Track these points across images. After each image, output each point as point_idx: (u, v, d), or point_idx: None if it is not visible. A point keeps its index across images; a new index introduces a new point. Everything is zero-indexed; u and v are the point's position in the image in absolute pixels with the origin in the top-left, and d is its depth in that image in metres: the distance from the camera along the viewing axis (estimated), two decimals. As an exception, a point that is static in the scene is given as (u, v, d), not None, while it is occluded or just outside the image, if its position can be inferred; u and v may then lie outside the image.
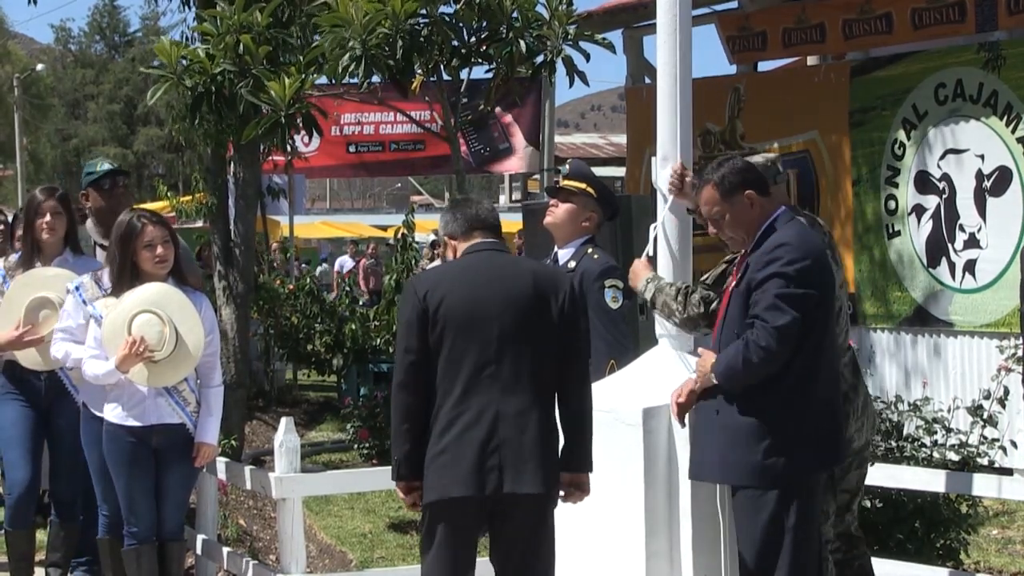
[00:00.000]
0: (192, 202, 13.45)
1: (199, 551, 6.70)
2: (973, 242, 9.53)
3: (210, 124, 8.02)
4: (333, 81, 7.56)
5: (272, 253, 15.22)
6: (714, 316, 4.96)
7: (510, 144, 14.62)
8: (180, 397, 5.70)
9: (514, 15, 7.40)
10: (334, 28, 7.14)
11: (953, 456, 6.33)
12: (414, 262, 11.41)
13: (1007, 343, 7.43)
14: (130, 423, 5.63)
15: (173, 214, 13.57)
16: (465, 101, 13.03)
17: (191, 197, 13.90)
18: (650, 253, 5.35)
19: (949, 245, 9.69)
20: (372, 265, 21.59)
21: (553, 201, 6.03)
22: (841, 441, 4.73)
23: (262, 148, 9.50)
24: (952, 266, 9.67)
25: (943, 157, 9.74)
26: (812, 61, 11.74)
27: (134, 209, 5.84)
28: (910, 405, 6.58)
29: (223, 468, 6.58)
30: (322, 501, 8.87)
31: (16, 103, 43.03)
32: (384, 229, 28.90)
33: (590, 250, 5.92)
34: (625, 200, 7.13)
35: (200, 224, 13.09)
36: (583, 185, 5.96)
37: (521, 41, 7.34)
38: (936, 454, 6.34)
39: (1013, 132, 9.25)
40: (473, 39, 7.58)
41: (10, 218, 7.69)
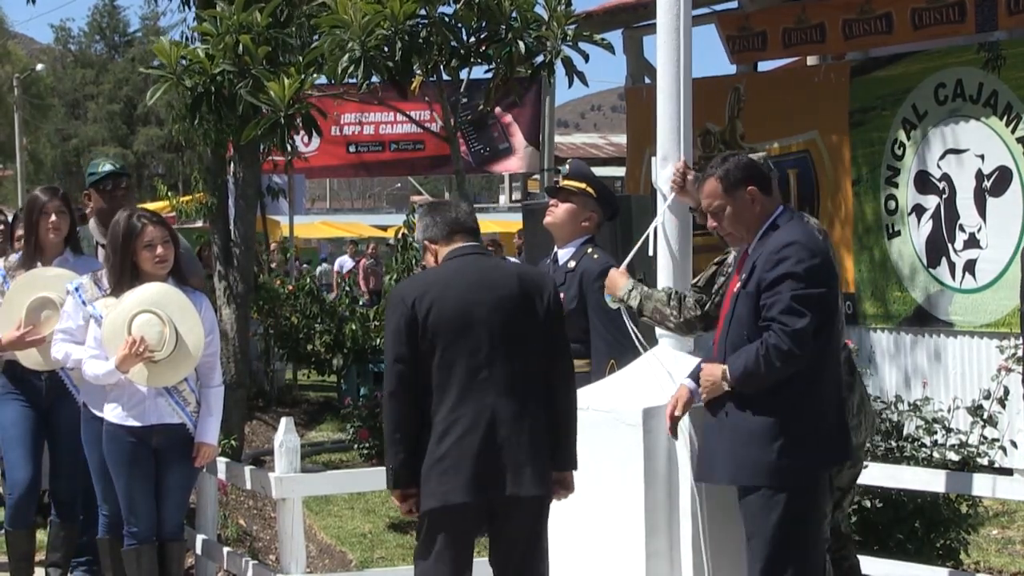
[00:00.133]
0: (192, 202, 13.45)
1: (199, 551, 6.70)
2: (973, 242, 9.53)
3: (210, 124, 8.02)
4: (333, 81, 7.56)
5: (271, 254, 15.21)
6: (710, 318, 4.95)
7: (510, 144, 14.62)
8: (180, 397, 5.70)
9: (513, 16, 7.40)
10: (333, 29, 7.14)
11: (953, 456, 6.33)
12: (414, 262, 11.41)
13: (1007, 343, 7.43)
14: (130, 423, 5.63)
15: (173, 214, 13.58)
16: (465, 101, 13.07)
17: (191, 197, 13.90)
18: (650, 253, 5.35)
19: (949, 245, 9.69)
20: (372, 265, 21.59)
21: (553, 201, 6.03)
22: (848, 438, 4.74)
23: (262, 148, 9.50)
24: (952, 266, 9.67)
25: (943, 157, 9.74)
26: (812, 61, 11.74)
27: (133, 209, 5.83)
28: (910, 405, 6.57)
29: (223, 468, 6.58)
30: (322, 501, 8.87)
31: (16, 103, 43.03)
32: (384, 229, 28.89)
33: (590, 250, 5.92)
34: (625, 200, 7.13)
35: (200, 224, 13.10)
36: (583, 185, 5.97)
37: (520, 42, 7.34)
38: (936, 454, 6.34)
39: (1013, 132, 9.25)
40: (472, 39, 7.58)
41: (10, 218, 7.69)
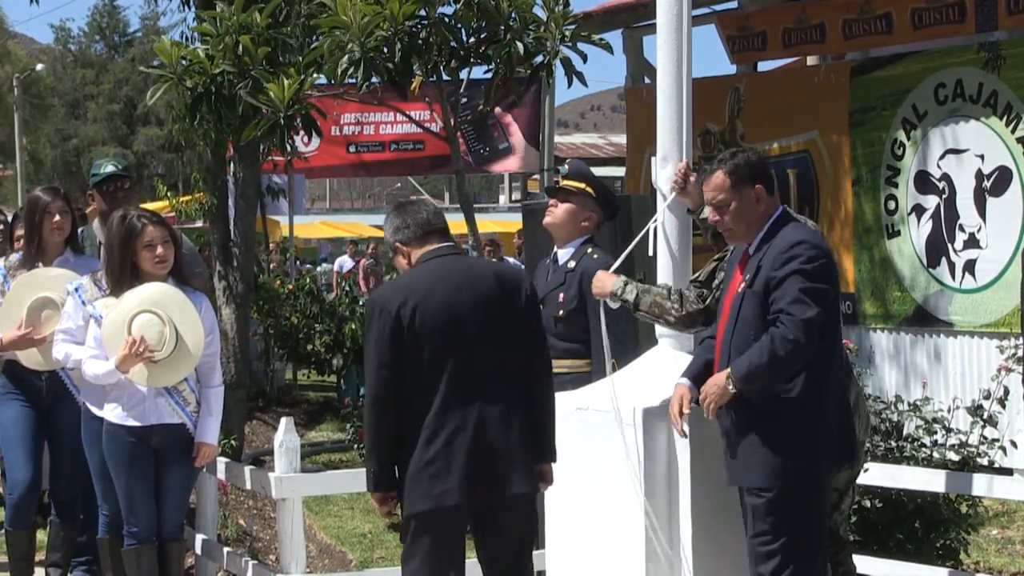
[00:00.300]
0: (192, 202, 13.46)
1: (199, 551, 6.70)
2: (973, 242, 9.53)
3: (210, 124, 8.02)
4: (332, 82, 7.55)
5: (270, 254, 15.20)
6: (711, 312, 4.94)
7: (509, 144, 14.62)
8: (180, 397, 5.70)
9: (512, 16, 7.39)
10: (333, 30, 7.14)
11: (953, 456, 6.32)
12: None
13: (1007, 343, 7.42)
14: (130, 423, 5.63)
15: (173, 214, 13.58)
16: (465, 101, 13.07)
17: (191, 197, 13.91)
18: (650, 253, 5.35)
19: (949, 245, 9.69)
20: (372, 265, 21.57)
21: (552, 201, 6.03)
22: (853, 439, 4.75)
23: (262, 148, 9.50)
24: (952, 266, 9.67)
25: (943, 157, 9.74)
26: (812, 61, 11.74)
27: (128, 210, 5.81)
28: (910, 405, 6.57)
29: (223, 468, 6.58)
30: (322, 501, 8.87)
31: (16, 103, 42.99)
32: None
33: (590, 250, 5.92)
34: (625, 200, 7.13)
35: (200, 224, 13.10)
36: (582, 185, 5.97)
37: (519, 42, 7.34)
38: (936, 454, 6.33)
39: (1013, 132, 9.25)
40: (472, 40, 7.57)
41: (9, 218, 7.69)
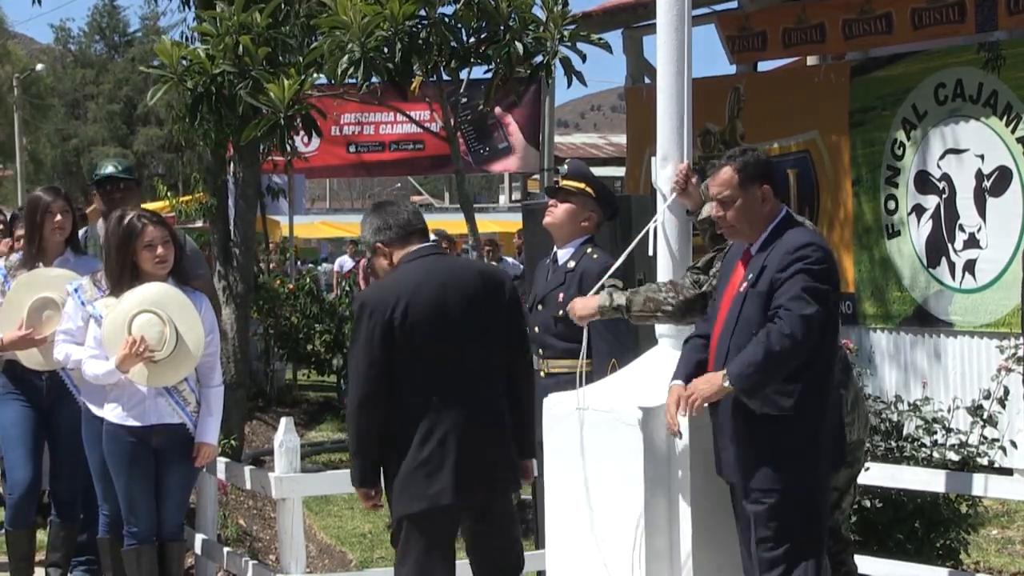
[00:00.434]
0: (192, 202, 13.46)
1: (199, 551, 6.70)
2: (973, 242, 9.53)
3: (210, 124, 8.02)
4: (332, 82, 7.55)
5: (269, 254, 15.19)
6: (707, 298, 4.93)
7: (509, 144, 14.62)
8: (180, 397, 5.70)
9: (511, 16, 7.39)
10: (333, 30, 7.14)
11: (953, 456, 6.32)
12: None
13: (1007, 343, 7.42)
14: (130, 423, 5.63)
15: (173, 214, 13.58)
16: (465, 101, 13.07)
17: (191, 197, 13.91)
18: (650, 253, 5.34)
19: (949, 245, 9.69)
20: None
21: (552, 201, 6.04)
22: (843, 440, 4.75)
23: (262, 148, 9.50)
24: (952, 266, 9.67)
25: (943, 157, 9.74)
26: (812, 61, 11.74)
27: (125, 210, 5.81)
28: (910, 405, 6.57)
29: (223, 468, 6.58)
30: (322, 501, 8.87)
31: (16, 103, 42.99)
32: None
33: (589, 250, 5.93)
34: (625, 200, 7.13)
35: (200, 224, 13.10)
36: (582, 185, 5.97)
37: (518, 43, 7.34)
38: (936, 454, 6.33)
39: (1013, 132, 9.25)
40: (472, 40, 7.57)
41: (8, 217, 7.69)
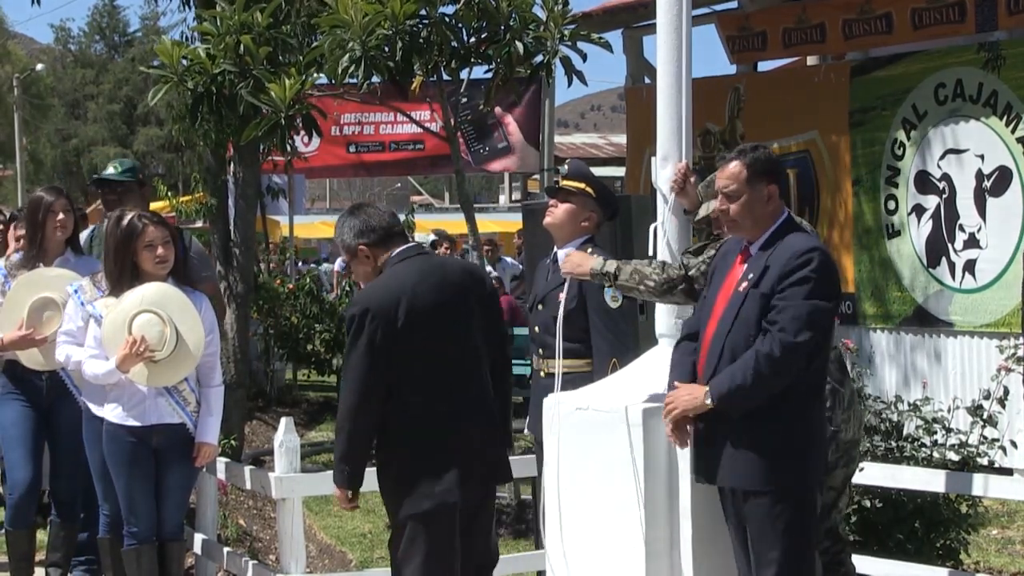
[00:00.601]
0: (192, 202, 13.45)
1: (199, 551, 6.70)
2: (973, 242, 9.53)
3: (210, 124, 8.02)
4: (333, 81, 7.56)
5: (270, 254, 15.18)
6: (691, 282, 4.90)
7: (509, 144, 14.62)
8: (180, 397, 5.70)
9: (512, 16, 7.40)
10: (333, 29, 7.14)
11: (953, 456, 6.32)
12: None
13: (1007, 343, 7.42)
14: (130, 423, 5.63)
15: (173, 214, 13.57)
16: (465, 101, 13.07)
17: (191, 197, 13.91)
18: (651, 253, 5.34)
19: (949, 245, 9.69)
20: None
21: (552, 201, 6.03)
22: (831, 441, 4.82)
23: (262, 148, 9.50)
24: (952, 266, 9.67)
25: (943, 157, 9.74)
26: (812, 61, 11.74)
27: (122, 211, 5.81)
28: (910, 405, 6.57)
29: (223, 468, 6.58)
30: (322, 501, 8.87)
31: (16, 103, 42.98)
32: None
33: (589, 250, 5.91)
34: (625, 200, 7.13)
35: (200, 224, 13.10)
36: (582, 185, 5.96)
37: (519, 42, 7.34)
38: (936, 454, 6.33)
39: (1013, 132, 9.25)
40: (472, 40, 7.58)
41: (7, 217, 7.69)
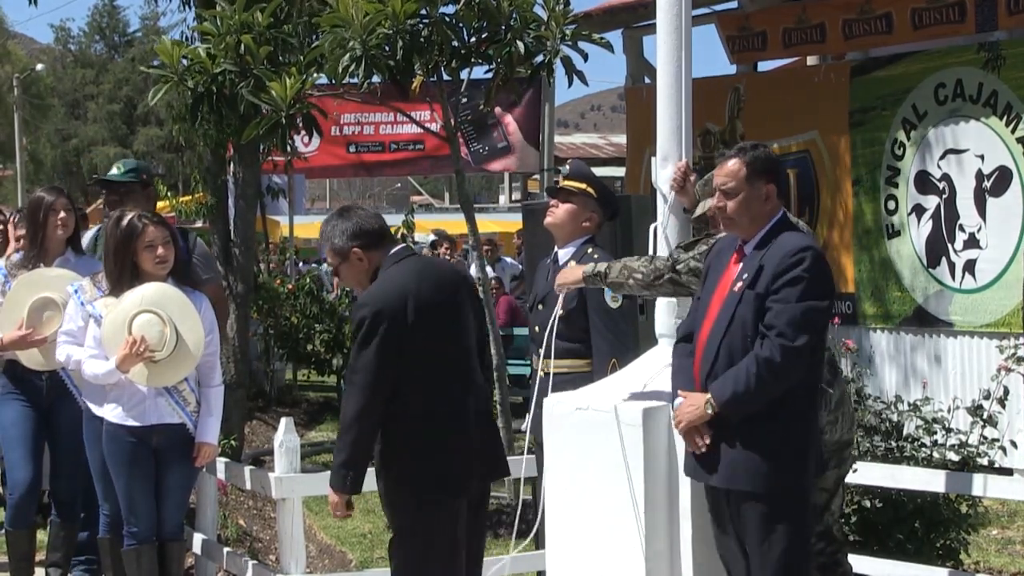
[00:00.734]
0: (192, 202, 13.44)
1: (199, 551, 6.70)
2: (973, 242, 9.53)
3: (210, 124, 8.02)
4: (333, 81, 7.56)
5: (270, 254, 15.18)
6: (678, 274, 4.91)
7: (509, 144, 14.62)
8: (180, 397, 5.70)
9: (512, 16, 7.40)
10: (334, 28, 7.14)
11: (953, 456, 6.32)
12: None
13: (1007, 343, 7.42)
14: (130, 423, 5.63)
15: (173, 214, 13.57)
16: (465, 101, 13.07)
17: (191, 197, 13.89)
18: (651, 253, 5.35)
19: (949, 245, 9.69)
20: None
21: (553, 201, 6.04)
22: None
23: (262, 148, 9.50)
24: (952, 266, 9.68)
25: (943, 157, 9.74)
26: (812, 61, 11.74)
27: (122, 211, 5.81)
28: (910, 405, 6.57)
29: (223, 468, 6.58)
30: (322, 501, 8.83)
31: (16, 103, 42.99)
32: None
33: (590, 250, 5.93)
34: (625, 200, 7.14)
35: (200, 224, 13.10)
36: (583, 185, 5.97)
37: (519, 42, 7.34)
38: (936, 454, 6.33)
39: (1013, 132, 9.25)
40: (473, 40, 7.58)
41: (8, 217, 7.68)
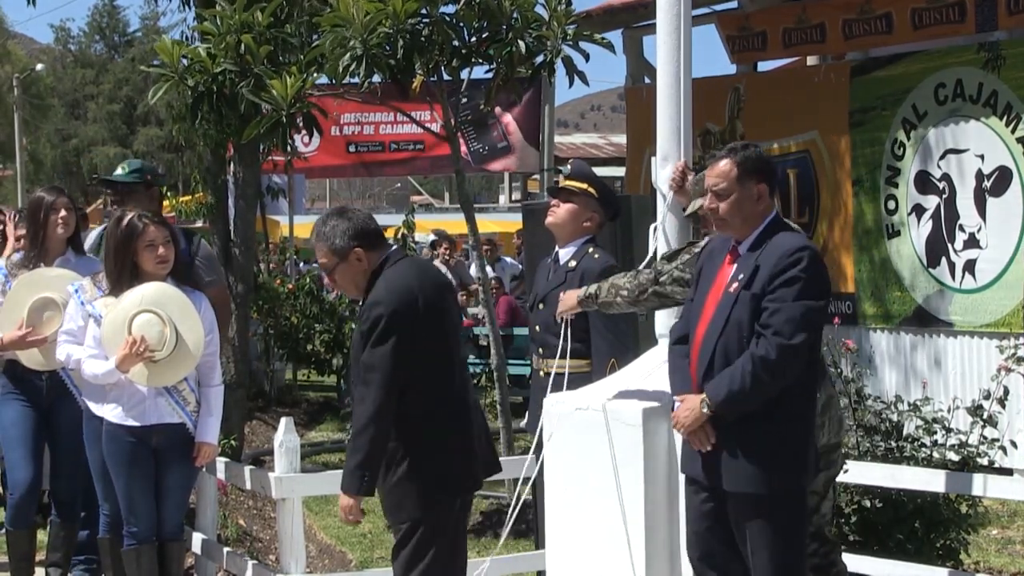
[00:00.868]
0: (192, 202, 13.45)
1: (199, 551, 6.70)
2: (973, 242, 9.53)
3: (210, 124, 8.02)
4: (333, 81, 7.56)
5: (270, 254, 15.18)
6: (662, 286, 4.92)
7: (509, 144, 14.63)
8: (180, 397, 5.70)
9: (514, 15, 7.40)
10: (335, 28, 7.14)
11: (953, 456, 6.32)
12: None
13: (1007, 343, 7.42)
14: (130, 423, 5.63)
15: (173, 214, 13.57)
16: (465, 101, 13.07)
17: (191, 197, 13.90)
18: (651, 253, 5.35)
19: (949, 245, 9.69)
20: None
21: (555, 201, 6.04)
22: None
23: (262, 148, 9.50)
24: (952, 266, 9.67)
25: (943, 157, 9.74)
26: (812, 61, 11.74)
27: (124, 212, 5.81)
28: (910, 405, 6.57)
29: (223, 468, 6.58)
30: (322, 501, 8.87)
31: (16, 103, 42.96)
32: (384, 229, 28.78)
33: (591, 250, 5.94)
34: (625, 200, 7.14)
35: (200, 224, 13.11)
36: (584, 185, 5.98)
37: (521, 42, 7.34)
38: (936, 454, 6.33)
39: (1013, 132, 9.25)
40: (473, 39, 7.58)
41: (8, 216, 7.67)
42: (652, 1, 5.39)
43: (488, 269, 10.94)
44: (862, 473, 5.97)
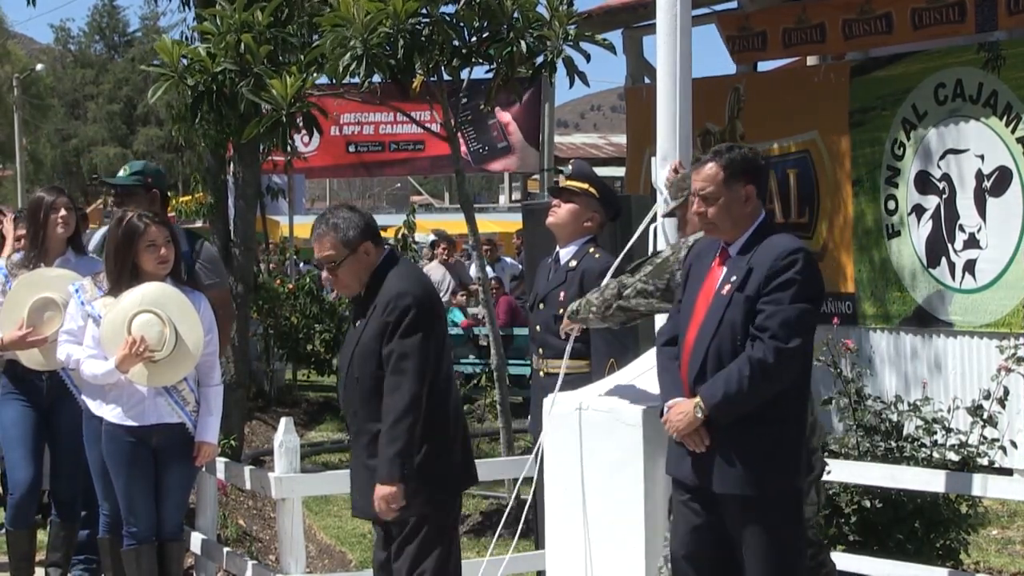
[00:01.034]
0: (192, 202, 13.46)
1: (199, 551, 6.69)
2: (973, 242, 9.52)
3: (210, 124, 8.02)
4: (333, 81, 7.56)
5: (270, 254, 15.17)
6: (625, 299, 4.93)
7: (509, 144, 14.63)
8: (179, 397, 5.70)
9: (515, 15, 7.40)
10: (335, 28, 7.14)
11: (953, 456, 6.32)
12: (414, 262, 11.40)
13: (1007, 343, 7.42)
14: (129, 423, 5.63)
15: (173, 214, 13.57)
16: (465, 101, 13.07)
17: (191, 197, 13.91)
18: (650, 252, 5.35)
19: (949, 245, 9.68)
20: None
21: (556, 201, 6.04)
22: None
23: (261, 148, 9.50)
24: (952, 266, 9.67)
25: (943, 157, 9.74)
26: (812, 61, 11.74)
27: (125, 212, 5.81)
28: (910, 405, 6.57)
29: (223, 468, 6.57)
30: (322, 501, 8.87)
31: (16, 103, 42.97)
32: (384, 229, 28.77)
33: (591, 249, 5.94)
34: (625, 200, 7.13)
35: (200, 224, 13.11)
36: (585, 185, 5.98)
37: (522, 41, 7.34)
38: (936, 454, 6.33)
39: (1013, 132, 9.25)
40: (474, 39, 7.57)
41: (8, 216, 7.67)
42: (652, 1, 5.40)
43: (488, 269, 10.94)
44: (862, 473, 5.97)
